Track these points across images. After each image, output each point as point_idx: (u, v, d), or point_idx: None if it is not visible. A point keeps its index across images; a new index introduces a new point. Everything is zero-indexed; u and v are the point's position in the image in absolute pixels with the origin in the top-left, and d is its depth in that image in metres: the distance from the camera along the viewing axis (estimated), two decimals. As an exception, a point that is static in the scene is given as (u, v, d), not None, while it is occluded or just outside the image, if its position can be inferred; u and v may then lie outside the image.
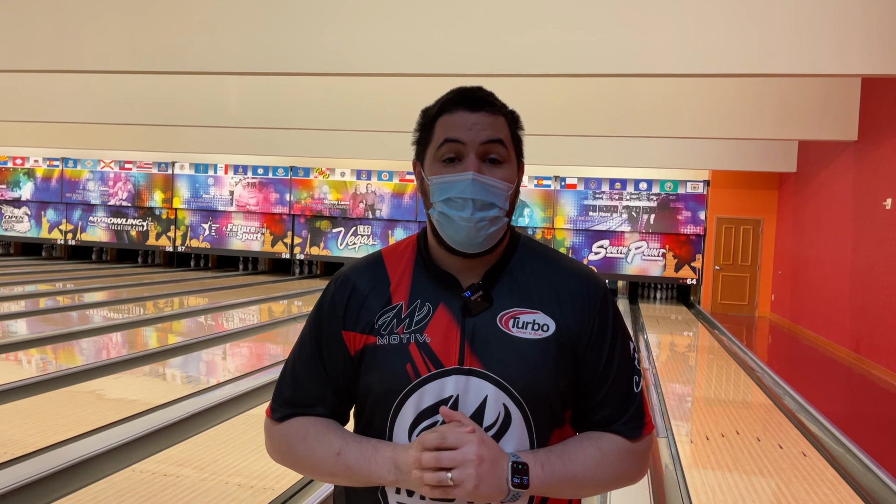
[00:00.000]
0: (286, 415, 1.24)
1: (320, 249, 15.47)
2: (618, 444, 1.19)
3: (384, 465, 1.13)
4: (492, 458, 1.08)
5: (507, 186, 1.18)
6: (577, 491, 1.17)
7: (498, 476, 1.08)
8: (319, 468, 1.20)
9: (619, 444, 1.19)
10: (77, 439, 4.17)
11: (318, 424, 1.22)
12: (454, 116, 1.17)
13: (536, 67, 5.95)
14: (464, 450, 1.07)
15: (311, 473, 1.24)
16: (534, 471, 1.10)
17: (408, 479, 1.11)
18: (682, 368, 8.13)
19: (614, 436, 1.20)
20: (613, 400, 1.20)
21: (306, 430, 1.21)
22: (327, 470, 1.19)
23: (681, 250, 13.84)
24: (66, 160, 16.45)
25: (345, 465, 1.16)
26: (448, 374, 1.16)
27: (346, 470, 1.16)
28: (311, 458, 1.20)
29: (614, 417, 1.20)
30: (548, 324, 1.18)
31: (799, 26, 5.49)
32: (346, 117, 9.37)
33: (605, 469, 1.17)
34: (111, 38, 6.53)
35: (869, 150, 8.29)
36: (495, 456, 1.09)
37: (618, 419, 1.20)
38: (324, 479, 1.23)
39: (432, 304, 1.20)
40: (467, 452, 1.07)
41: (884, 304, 7.61)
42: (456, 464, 1.07)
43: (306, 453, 1.20)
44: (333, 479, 1.21)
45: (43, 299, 10.60)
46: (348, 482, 1.19)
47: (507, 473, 1.09)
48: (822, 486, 4.09)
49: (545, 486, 1.12)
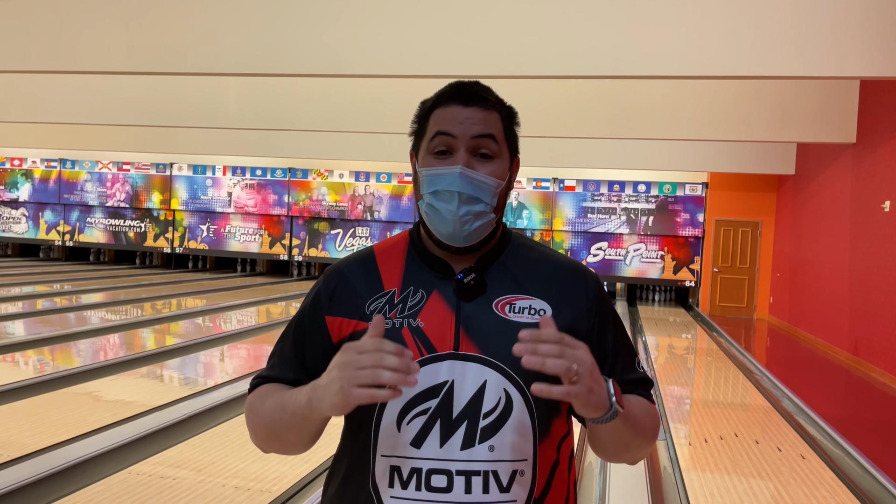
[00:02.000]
0: (256, 384, 1.24)
1: (318, 251, 15.46)
2: (647, 403, 1.23)
3: (303, 390, 1.09)
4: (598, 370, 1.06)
5: (495, 182, 1.17)
6: (630, 438, 1.16)
7: (602, 389, 1.06)
8: (265, 420, 1.17)
9: (648, 404, 1.23)
10: (74, 441, 4.15)
11: (279, 387, 1.19)
12: (447, 110, 1.18)
13: (535, 69, 5.95)
14: (582, 352, 1.03)
15: (263, 435, 1.20)
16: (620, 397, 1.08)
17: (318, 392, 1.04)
18: (681, 371, 8.13)
19: (641, 397, 1.23)
20: (629, 371, 1.24)
21: (267, 389, 1.21)
22: (269, 419, 1.16)
23: (679, 252, 13.85)
24: (64, 161, 16.43)
25: (280, 406, 1.13)
26: (442, 360, 1.14)
27: (280, 409, 1.13)
28: (262, 413, 1.18)
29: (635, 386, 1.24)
30: (544, 309, 1.18)
31: (797, 28, 5.49)
32: (345, 119, 9.36)
33: (647, 418, 1.20)
34: (109, 39, 6.52)
35: (867, 152, 8.29)
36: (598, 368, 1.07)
37: (638, 386, 1.24)
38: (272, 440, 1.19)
39: (426, 290, 1.19)
40: (585, 355, 1.03)
41: (882, 307, 7.61)
42: (578, 361, 1.02)
43: (259, 408, 1.19)
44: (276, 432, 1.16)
45: (40, 300, 10.58)
46: (285, 429, 1.14)
47: (610, 391, 1.07)
48: (821, 488, 4.08)
49: (623, 417, 1.09)
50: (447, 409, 1.13)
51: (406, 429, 1.13)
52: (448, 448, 1.12)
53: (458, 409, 1.13)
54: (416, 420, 1.13)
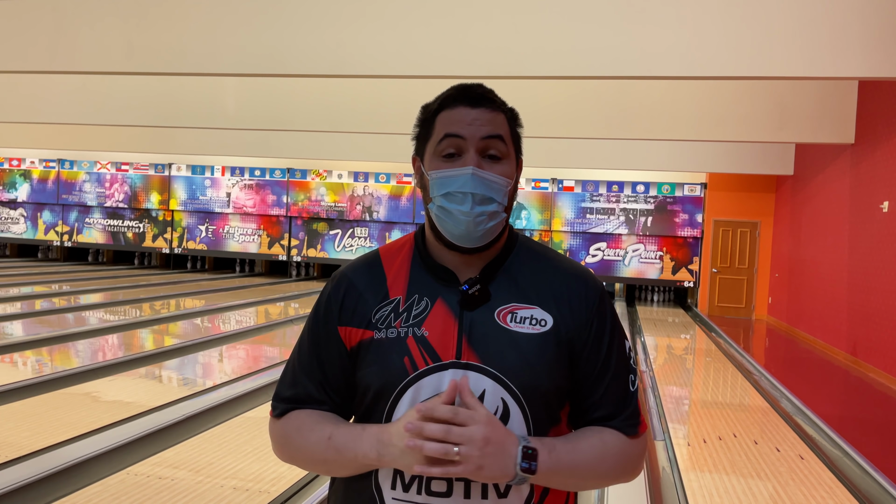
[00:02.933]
0: (284, 410, 1.25)
1: (317, 251, 15.45)
2: (619, 438, 1.21)
3: (367, 442, 1.13)
4: (499, 441, 1.08)
5: (506, 182, 1.18)
6: (578, 482, 1.18)
7: (504, 459, 1.08)
8: (313, 457, 1.20)
9: (620, 439, 1.21)
10: (72, 441, 4.15)
11: (313, 415, 1.22)
12: (454, 112, 1.18)
13: (534, 69, 5.95)
14: (472, 429, 1.06)
15: (307, 464, 1.24)
16: (541, 456, 1.10)
17: (391, 453, 1.10)
18: (680, 371, 8.13)
19: (614, 430, 1.21)
20: (611, 398, 1.21)
21: (302, 421, 1.22)
22: (319, 457, 1.19)
23: (678, 253, 13.85)
24: (63, 161, 16.41)
25: (334, 449, 1.16)
26: (446, 368, 1.16)
27: (336, 453, 1.16)
28: (305, 448, 1.20)
29: (612, 415, 1.21)
30: (546, 319, 1.19)
31: (796, 29, 5.50)
32: (344, 119, 9.36)
33: (606, 462, 1.18)
34: (108, 39, 6.51)
35: (866, 153, 8.30)
36: (503, 439, 1.09)
37: (615, 417, 1.21)
38: (319, 470, 1.23)
39: (430, 298, 1.20)
40: (475, 432, 1.06)
41: (880, 307, 7.62)
42: (464, 440, 1.06)
43: (300, 444, 1.20)
44: (326, 467, 1.20)
45: (39, 301, 10.57)
46: (339, 468, 1.19)
47: (517, 458, 1.09)
48: (820, 489, 4.08)
49: (550, 474, 1.12)
50: None
51: None
52: None
53: None
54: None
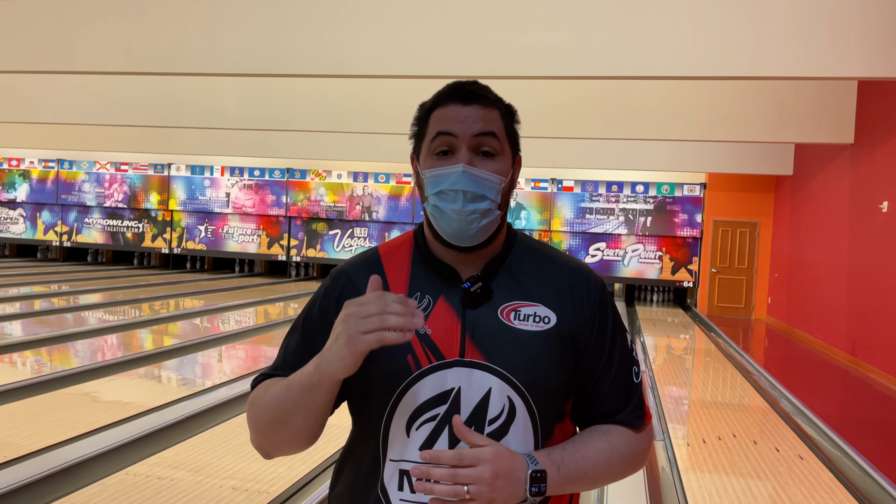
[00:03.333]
0: (259, 381, 1.22)
1: (317, 251, 15.45)
2: (625, 435, 1.21)
3: (310, 363, 1.09)
4: (507, 472, 1.08)
5: (499, 179, 1.17)
6: (587, 485, 1.18)
7: (514, 486, 1.08)
8: (270, 407, 1.14)
9: (626, 436, 1.21)
10: (71, 442, 4.15)
11: (281, 378, 1.18)
12: (447, 110, 1.17)
13: (533, 69, 5.95)
14: (480, 469, 1.06)
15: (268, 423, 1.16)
16: (550, 475, 1.11)
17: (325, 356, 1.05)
18: (679, 371, 8.13)
19: (621, 427, 1.21)
20: (616, 392, 1.22)
21: (270, 382, 1.19)
22: (275, 405, 1.13)
23: (677, 253, 13.85)
24: (62, 161, 16.41)
25: (286, 386, 1.12)
26: (449, 367, 1.15)
27: (286, 390, 1.12)
28: (266, 402, 1.15)
29: (618, 408, 1.22)
30: (549, 316, 1.18)
31: (796, 29, 5.50)
32: (343, 119, 9.36)
33: (613, 464, 1.19)
34: (107, 39, 6.51)
35: (865, 153, 8.30)
36: (511, 467, 1.09)
37: (621, 410, 1.22)
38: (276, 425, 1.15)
39: (432, 296, 1.19)
40: (483, 471, 1.06)
41: (880, 307, 7.62)
42: (472, 481, 1.06)
43: (261, 400, 1.17)
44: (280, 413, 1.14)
45: (38, 301, 10.56)
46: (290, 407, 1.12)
47: (526, 484, 1.09)
48: (819, 489, 4.08)
49: (560, 487, 1.13)
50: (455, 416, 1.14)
51: (415, 434, 1.15)
52: None
53: (465, 415, 1.14)
54: (424, 426, 1.15)
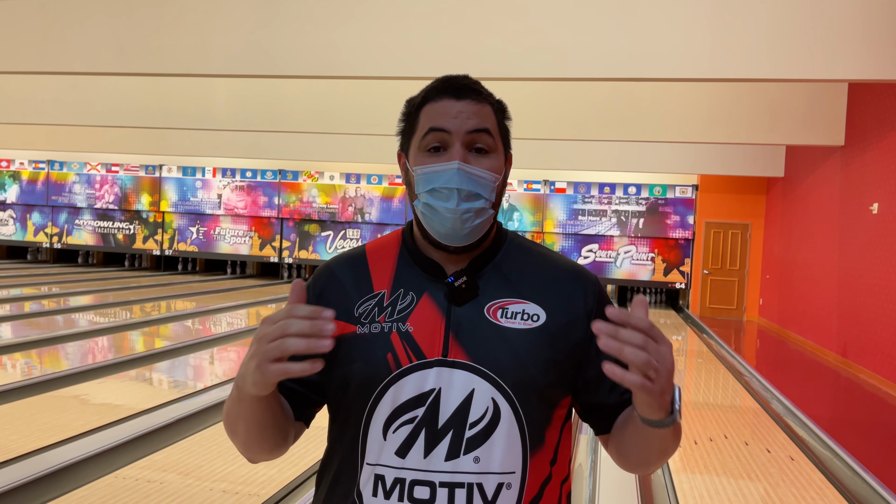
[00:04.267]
0: None
1: (309, 253, 15.41)
2: None
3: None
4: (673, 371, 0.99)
5: (493, 177, 1.12)
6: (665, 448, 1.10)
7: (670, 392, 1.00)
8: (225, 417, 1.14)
9: None
10: (60, 444, 4.11)
11: None
12: (438, 105, 1.13)
13: (526, 71, 5.96)
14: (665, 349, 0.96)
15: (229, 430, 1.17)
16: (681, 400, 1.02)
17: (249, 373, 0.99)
18: (671, 372, 8.14)
19: None
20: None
21: None
22: (226, 413, 1.14)
23: (669, 254, 13.89)
24: (52, 163, 16.31)
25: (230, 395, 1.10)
26: (430, 367, 1.09)
27: (230, 399, 1.11)
28: (226, 410, 1.15)
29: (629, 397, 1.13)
30: (538, 314, 1.12)
31: (786, 32, 5.52)
32: (335, 120, 9.34)
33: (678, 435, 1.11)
34: (98, 40, 6.48)
35: (855, 154, 8.34)
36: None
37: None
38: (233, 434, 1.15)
39: (416, 293, 1.14)
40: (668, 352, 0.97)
41: (870, 309, 7.65)
42: (660, 358, 0.95)
43: (230, 406, 1.14)
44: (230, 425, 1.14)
45: (28, 303, 10.50)
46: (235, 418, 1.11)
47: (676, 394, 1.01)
48: (810, 490, 4.09)
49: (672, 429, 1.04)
50: (433, 419, 1.08)
51: (392, 437, 1.09)
52: (432, 459, 1.08)
53: (444, 418, 1.08)
54: (402, 429, 1.09)
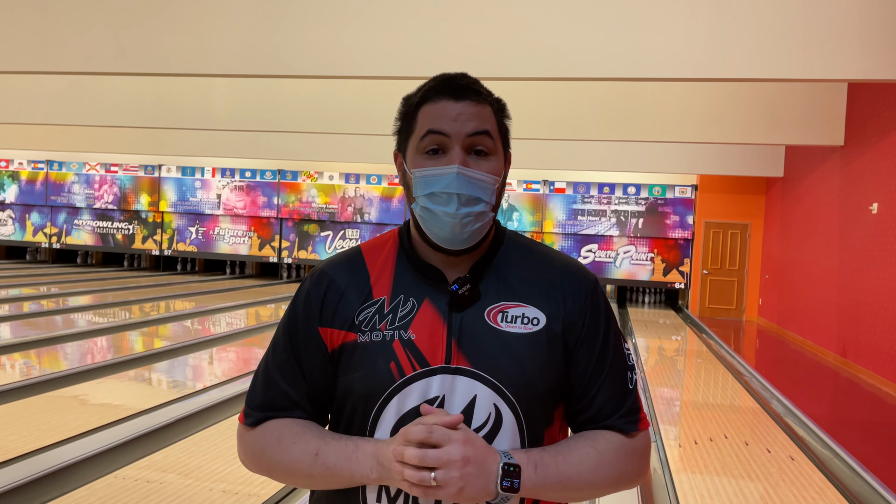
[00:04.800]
0: (260, 419, 1.17)
1: (308, 253, 15.41)
2: (614, 441, 1.13)
3: (366, 463, 1.06)
4: (478, 459, 1.01)
5: (493, 180, 1.11)
6: (572, 494, 1.10)
7: (485, 478, 1.01)
8: (296, 472, 1.12)
9: (616, 442, 1.13)
10: (59, 445, 4.11)
11: (293, 426, 1.14)
12: (437, 106, 1.11)
13: (525, 71, 5.95)
14: (448, 449, 1.00)
15: (287, 478, 1.16)
16: (526, 473, 1.04)
17: (391, 475, 1.04)
18: (671, 372, 8.14)
19: (610, 433, 1.13)
20: (608, 394, 1.14)
21: (281, 432, 1.13)
22: (304, 472, 1.10)
23: (669, 254, 13.89)
24: (51, 163, 16.30)
25: (324, 466, 1.08)
26: (434, 374, 1.09)
27: (326, 471, 1.08)
28: (287, 462, 1.12)
29: (609, 412, 1.14)
30: (538, 317, 1.12)
31: (786, 31, 5.52)
32: (335, 120, 9.33)
33: (601, 470, 1.10)
34: (96, 39, 6.47)
35: (855, 154, 8.34)
36: (483, 456, 1.02)
37: (613, 413, 1.14)
38: (301, 484, 1.15)
39: (417, 299, 1.13)
40: (452, 452, 1.00)
41: (870, 309, 7.65)
42: (440, 464, 0.99)
43: (281, 457, 1.12)
44: (311, 483, 1.13)
45: (27, 303, 10.49)
46: (328, 484, 1.11)
47: (497, 476, 1.02)
48: (810, 489, 4.09)
49: (537, 489, 1.05)
50: None
51: None
52: None
53: None
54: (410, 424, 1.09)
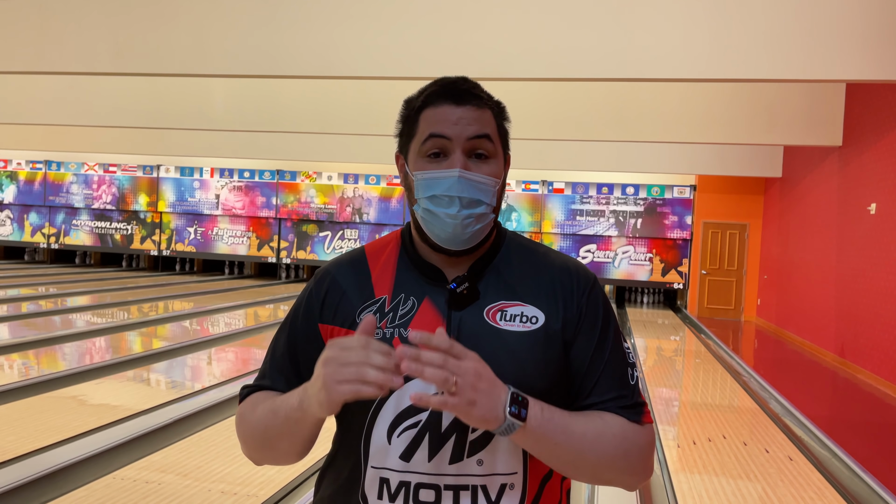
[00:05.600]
0: (247, 394, 1.21)
1: (307, 253, 15.40)
2: (621, 420, 1.12)
3: (295, 392, 1.07)
4: (491, 379, 1.01)
5: (493, 182, 1.14)
6: (575, 456, 1.07)
7: (494, 399, 1.00)
8: (258, 427, 1.14)
9: (622, 422, 1.12)
10: (58, 445, 4.10)
11: (270, 394, 1.17)
12: (439, 110, 1.12)
13: (524, 71, 5.95)
14: (467, 362, 0.99)
15: (256, 441, 1.16)
16: (532, 409, 1.02)
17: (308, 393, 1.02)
18: (669, 373, 8.14)
19: (616, 416, 1.12)
20: (608, 385, 1.14)
21: (257, 398, 1.18)
22: (262, 426, 1.13)
23: (667, 255, 13.90)
24: (50, 163, 16.29)
25: (272, 412, 1.10)
26: None
27: (272, 416, 1.10)
28: (254, 422, 1.15)
29: (611, 403, 1.13)
30: (536, 316, 1.14)
31: (784, 32, 5.52)
32: (333, 120, 9.33)
33: (606, 439, 1.09)
34: (95, 39, 6.46)
35: (853, 155, 8.35)
36: (494, 379, 1.01)
37: (615, 403, 1.13)
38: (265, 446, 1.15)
39: (417, 298, 1.15)
40: (469, 365, 0.99)
41: (868, 309, 7.66)
42: (459, 372, 0.97)
43: (250, 418, 1.16)
44: (267, 437, 1.13)
45: (25, 304, 10.47)
46: (277, 434, 1.11)
47: (506, 402, 1.01)
48: (809, 490, 4.09)
49: (542, 431, 1.03)
50: (436, 423, 1.10)
51: (396, 441, 1.11)
52: (437, 462, 1.10)
53: (447, 422, 1.10)
54: (406, 433, 1.11)
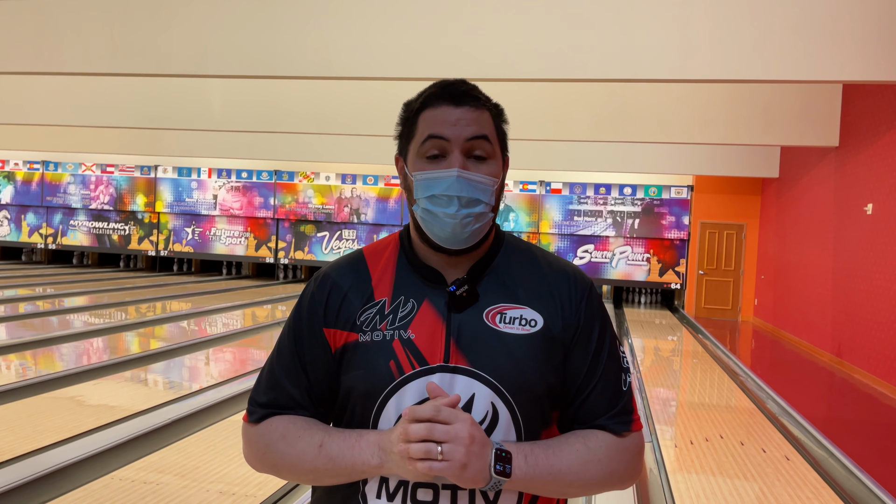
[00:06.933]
0: (263, 415, 1.19)
1: (305, 254, 15.40)
2: (605, 440, 1.15)
3: (368, 450, 1.09)
4: (482, 441, 1.05)
5: (492, 181, 1.15)
6: (563, 489, 1.12)
7: (484, 459, 1.05)
8: (301, 465, 1.14)
9: (607, 441, 1.15)
10: (55, 446, 4.10)
11: (297, 421, 1.16)
12: (437, 111, 1.14)
13: (522, 72, 5.96)
14: (457, 426, 1.03)
15: (292, 474, 1.18)
16: (516, 461, 1.07)
17: (393, 460, 1.07)
18: (667, 373, 8.16)
19: (602, 432, 1.16)
20: (601, 394, 1.17)
21: (286, 427, 1.16)
22: (309, 466, 1.13)
23: (665, 255, 13.91)
24: (47, 163, 16.27)
25: (327, 457, 1.11)
26: (433, 372, 1.12)
27: (329, 462, 1.11)
28: (292, 456, 1.14)
29: (601, 411, 1.17)
30: (535, 319, 1.15)
31: (781, 33, 5.53)
32: (331, 121, 9.33)
33: (591, 466, 1.13)
34: (92, 40, 6.46)
35: (850, 155, 8.37)
36: (485, 439, 1.06)
37: (604, 413, 1.17)
38: (305, 479, 1.17)
39: (417, 300, 1.16)
40: (460, 429, 1.03)
41: (865, 309, 7.68)
42: (448, 438, 1.03)
43: (286, 451, 1.14)
44: (316, 477, 1.15)
45: (22, 304, 10.46)
46: (331, 477, 1.13)
47: (490, 460, 1.05)
48: (806, 489, 4.10)
49: (528, 479, 1.08)
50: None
51: None
52: None
53: None
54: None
